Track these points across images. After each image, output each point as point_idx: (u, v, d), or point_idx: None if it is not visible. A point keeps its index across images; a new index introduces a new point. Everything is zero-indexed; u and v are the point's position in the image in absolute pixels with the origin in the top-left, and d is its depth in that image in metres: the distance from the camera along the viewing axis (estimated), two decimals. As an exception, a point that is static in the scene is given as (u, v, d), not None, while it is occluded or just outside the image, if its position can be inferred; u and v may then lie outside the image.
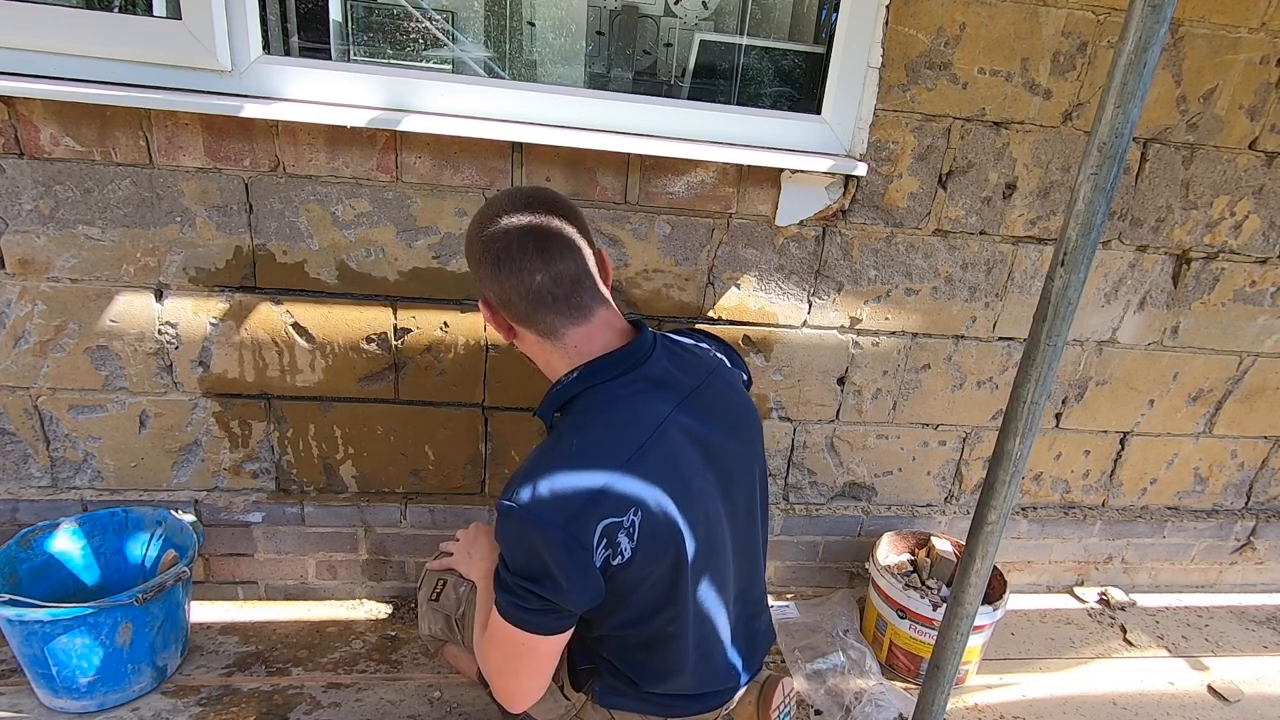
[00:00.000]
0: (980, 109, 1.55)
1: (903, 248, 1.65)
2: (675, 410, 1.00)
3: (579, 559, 0.89)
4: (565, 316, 0.99)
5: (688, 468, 0.99)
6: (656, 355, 1.04)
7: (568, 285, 0.98)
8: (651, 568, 0.96)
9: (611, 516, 0.90)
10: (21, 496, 1.61)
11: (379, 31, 2.00)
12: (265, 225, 1.47)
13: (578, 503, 0.89)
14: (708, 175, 1.54)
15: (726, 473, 1.07)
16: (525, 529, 0.90)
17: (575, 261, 0.99)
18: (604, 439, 0.95)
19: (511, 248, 0.96)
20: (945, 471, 1.91)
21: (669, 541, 0.96)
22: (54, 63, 1.32)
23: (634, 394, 0.99)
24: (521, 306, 0.99)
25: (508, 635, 0.96)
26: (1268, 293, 1.83)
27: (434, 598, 1.25)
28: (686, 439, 1.00)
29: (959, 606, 1.15)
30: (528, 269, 0.96)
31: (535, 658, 0.98)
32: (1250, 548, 2.14)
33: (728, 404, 1.09)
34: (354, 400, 1.63)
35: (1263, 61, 1.59)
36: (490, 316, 1.06)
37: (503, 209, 0.99)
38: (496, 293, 1.00)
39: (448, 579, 1.25)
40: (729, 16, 2.30)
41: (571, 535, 0.88)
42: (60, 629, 1.32)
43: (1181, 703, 1.74)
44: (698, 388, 1.05)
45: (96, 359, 1.52)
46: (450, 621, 1.24)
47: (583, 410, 0.99)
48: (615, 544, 0.91)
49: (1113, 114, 0.86)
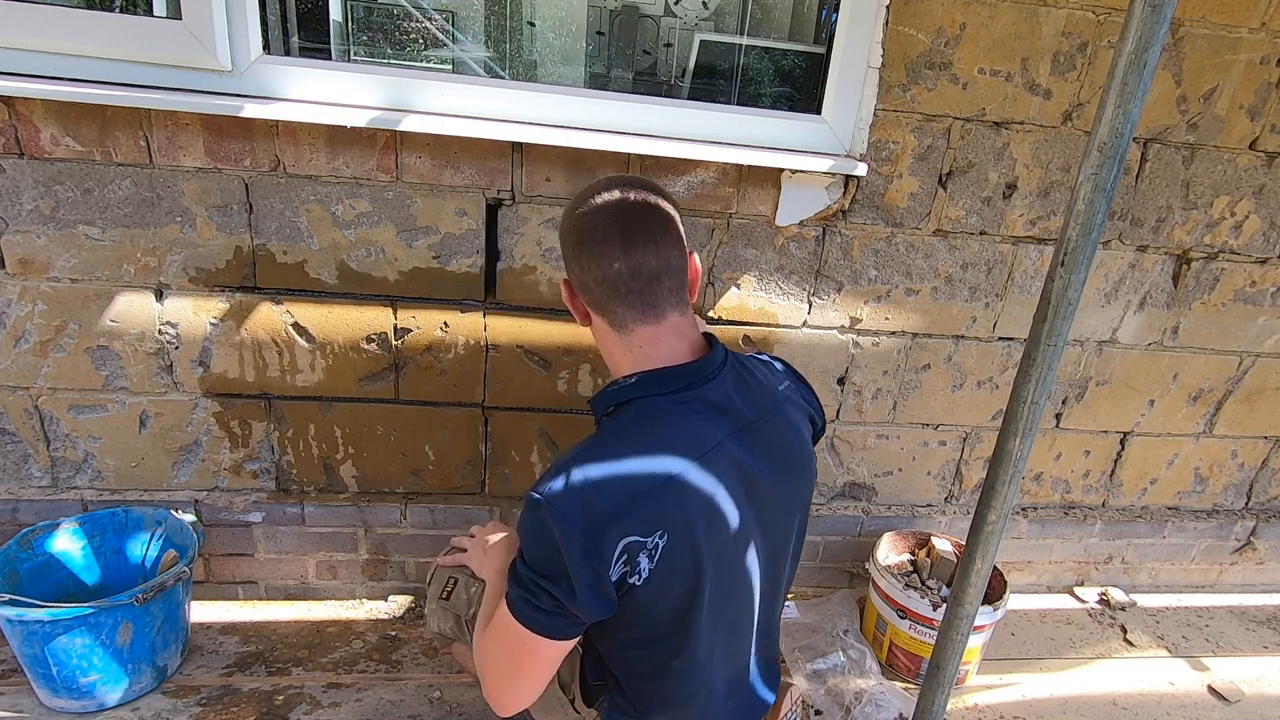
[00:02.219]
0: (980, 109, 1.55)
1: (903, 248, 1.65)
2: (727, 439, 0.95)
3: (595, 567, 0.86)
4: (636, 311, 0.96)
5: (726, 501, 0.94)
6: (722, 378, 0.99)
7: (644, 279, 0.94)
8: (666, 596, 0.92)
9: (636, 535, 0.86)
10: (22, 496, 1.61)
11: (379, 31, 2.00)
12: (265, 225, 1.47)
13: (604, 512, 0.86)
14: (708, 175, 1.54)
15: (768, 513, 1.01)
16: (548, 523, 0.86)
17: (657, 257, 0.95)
18: (645, 453, 0.91)
19: (596, 230, 0.94)
20: (945, 471, 1.91)
21: (690, 572, 0.91)
22: (54, 63, 1.32)
23: (687, 414, 0.95)
24: (595, 292, 0.96)
25: (512, 632, 0.92)
26: (1268, 293, 1.83)
27: (444, 596, 1.22)
28: (734, 471, 0.95)
29: (959, 606, 1.15)
30: (606, 255, 0.94)
31: (534, 661, 0.94)
32: (1250, 548, 2.14)
33: (784, 444, 1.04)
34: (354, 400, 1.63)
35: (1263, 61, 1.59)
36: (569, 299, 1.03)
37: (599, 189, 0.97)
38: (576, 274, 0.98)
39: (459, 577, 1.22)
40: (729, 16, 2.30)
41: (591, 542, 0.85)
42: (60, 629, 1.32)
43: (1181, 703, 1.74)
44: (756, 421, 1.00)
45: (97, 359, 1.52)
46: (461, 622, 1.21)
47: (631, 417, 0.95)
48: (635, 563, 0.87)
49: (1113, 114, 0.86)
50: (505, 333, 1.61)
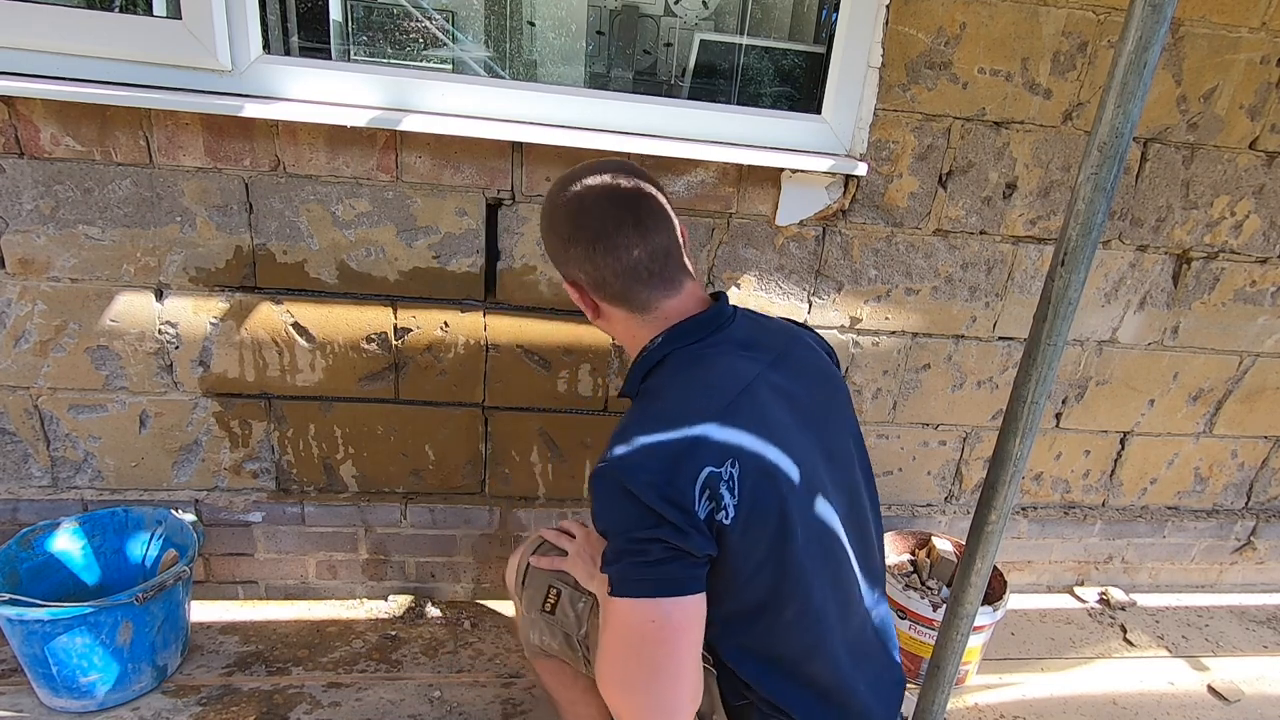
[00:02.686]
0: (980, 109, 1.55)
1: (903, 247, 1.65)
2: (765, 369, 0.96)
3: (681, 506, 0.82)
4: (659, 290, 0.97)
5: (781, 423, 0.92)
6: (739, 322, 1.01)
7: (662, 259, 0.95)
8: (758, 532, 0.86)
9: (710, 465, 0.83)
10: (22, 496, 1.61)
11: (379, 31, 2.00)
12: (265, 225, 1.47)
13: (671, 453, 0.83)
14: (708, 175, 1.54)
15: (824, 431, 1.00)
16: (621, 483, 0.83)
17: (668, 234, 0.96)
18: (695, 393, 0.90)
19: (607, 224, 0.93)
20: (945, 471, 1.91)
21: (773, 501, 0.87)
22: (54, 63, 1.32)
23: (721, 354, 0.95)
24: (616, 285, 0.96)
25: (635, 616, 0.81)
26: (1268, 293, 1.83)
27: (547, 609, 1.11)
28: (780, 397, 0.94)
29: (959, 607, 1.15)
30: (624, 244, 0.93)
31: (675, 640, 0.82)
32: (1250, 547, 2.14)
33: (814, 367, 1.05)
34: (354, 400, 1.63)
35: (1263, 61, 1.59)
36: (578, 297, 1.02)
37: (581, 180, 0.95)
38: (589, 273, 0.96)
39: (562, 589, 1.11)
40: (729, 16, 2.29)
41: (669, 484, 0.82)
42: (60, 628, 1.32)
43: (1181, 703, 1.74)
44: (784, 350, 1.02)
45: (97, 359, 1.52)
46: (572, 641, 1.10)
47: (671, 370, 0.95)
48: (718, 497, 0.83)
49: (1113, 114, 0.86)
50: (505, 333, 1.61)
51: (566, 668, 1.18)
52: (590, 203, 0.95)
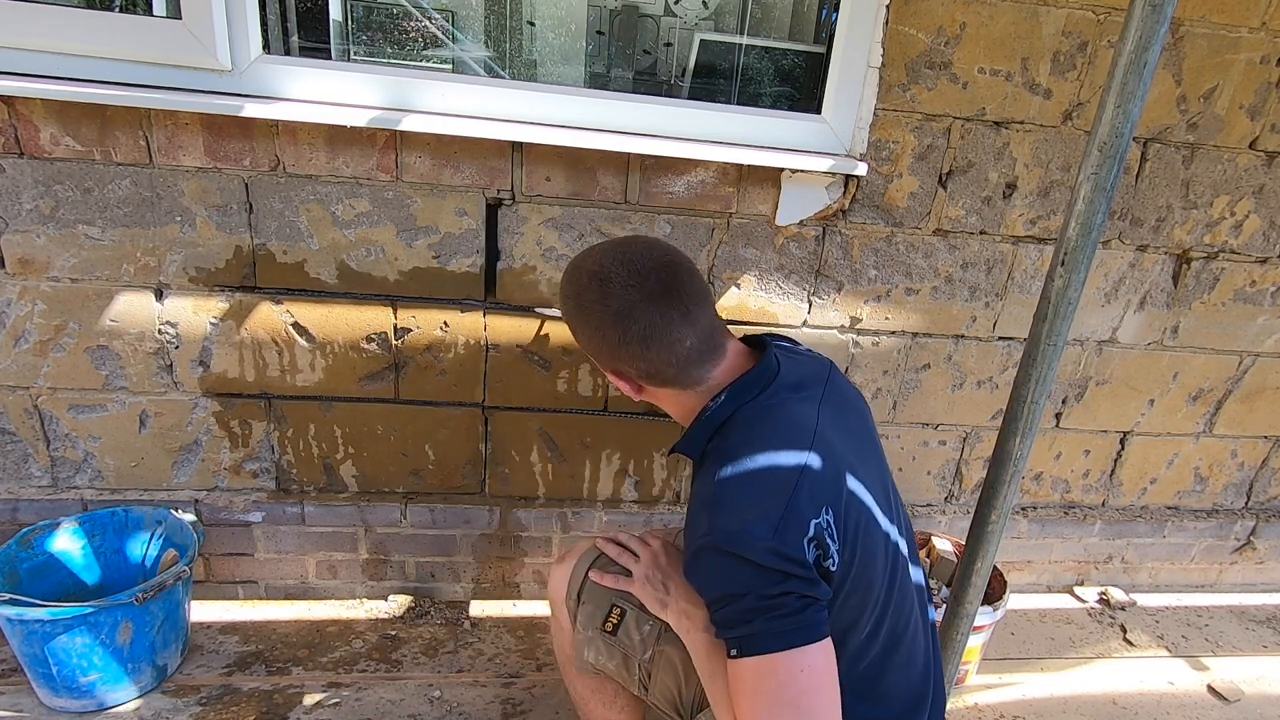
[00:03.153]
0: (980, 109, 1.55)
1: (903, 247, 1.65)
2: (819, 410, 0.97)
3: (800, 561, 0.82)
4: (710, 365, 0.98)
5: (848, 458, 0.94)
6: (784, 365, 1.01)
7: (707, 336, 0.96)
8: (859, 569, 0.89)
9: (813, 518, 0.84)
10: (21, 496, 1.61)
11: (379, 31, 2.00)
12: (265, 225, 1.47)
13: (778, 512, 0.83)
14: (708, 175, 1.54)
15: (871, 457, 1.03)
16: (735, 554, 0.82)
17: (708, 308, 0.97)
18: (772, 450, 0.89)
19: (656, 324, 0.92)
20: (945, 471, 1.91)
21: (863, 533, 0.90)
22: (54, 62, 1.32)
23: (781, 403, 0.96)
24: (670, 373, 0.96)
25: (784, 670, 0.80)
26: (1268, 293, 1.83)
27: (608, 629, 1.09)
28: (837, 430, 0.97)
29: (959, 606, 1.15)
30: (678, 338, 0.93)
31: (820, 681, 0.82)
32: (1250, 547, 2.14)
33: (850, 396, 1.08)
34: (354, 400, 1.63)
35: (1263, 61, 1.59)
36: (623, 385, 1.02)
37: (622, 277, 0.93)
38: (642, 368, 0.96)
39: (626, 609, 1.09)
40: (729, 16, 2.29)
41: (784, 544, 0.82)
42: (60, 628, 1.32)
43: (1181, 703, 1.74)
44: (825, 380, 1.04)
45: (96, 359, 1.52)
46: (631, 664, 1.09)
47: (743, 426, 0.94)
48: (824, 545, 0.84)
49: (1113, 114, 0.86)
50: (505, 332, 1.61)
51: (610, 685, 1.17)
52: (634, 306, 0.93)
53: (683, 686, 1.08)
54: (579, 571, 1.15)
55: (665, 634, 1.07)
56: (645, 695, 1.13)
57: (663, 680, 1.09)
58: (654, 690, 1.10)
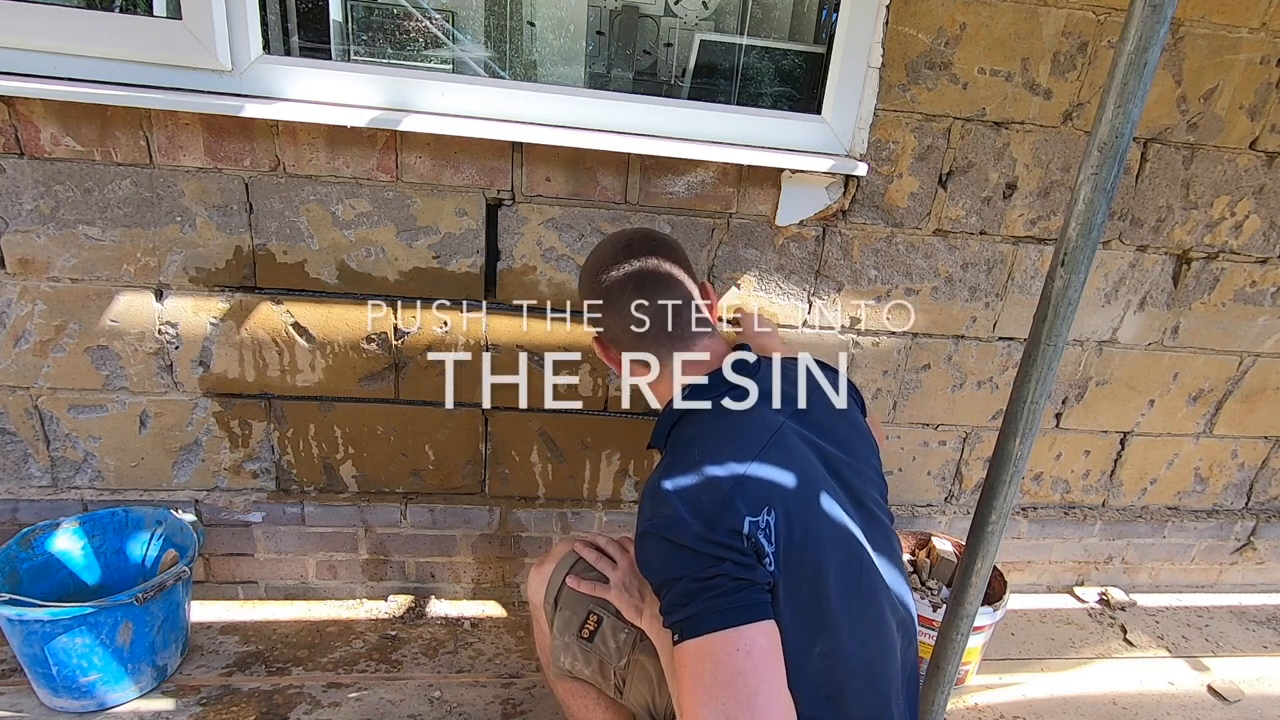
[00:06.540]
0: (980, 109, 1.55)
1: (903, 248, 1.65)
2: (789, 419, 0.99)
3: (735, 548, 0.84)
4: (666, 346, 1.05)
5: (811, 469, 0.95)
6: (763, 374, 1.05)
7: (668, 316, 1.03)
8: (797, 576, 0.87)
9: (749, 515, 0.86)
10: (22, 496, 1.61)
11: (379, 31, 2.00)
12: (265, 225, 1.47)
13: (714, 504, 0.86)
14: (708, 175, 1.54)
15: (851, 485, 1.02)
16: (668, 539, 0.86)
17: (675, 293, 1.05)
18: (724, 443, 0.93)
19: (613, 289, 1.05)
20: (945, 471, 1.91)
21: (806, 541, 0.88)
22: (54, 63, 1.32)
23: (746, 404, 1.00)
24: (626, 341, 1.06)
25: (720, 650, 0.80)
26: (1268, 293, 1.83)
27: (585, 635, 1.11)
28: (806, 447, 0.98)
29: (959, 607, 1.15)
30: (629, 304, 1.03)
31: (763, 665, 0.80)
32: (1250, 548, 2.14)
33: (838, 423, 1.07)
34: (354, 400, 1.63)
35: (1263, 61, 1.59)
36: (602, 353, 1.13)
37: (610, 256, 1.07)
38: (607, 329, 1.08)
39: (603, 616, 1.11)
40: (729, 16, 2.29)
41: (712, 533, 0.84)
42: (60, 628, 1.32)
43: (1181, 703, 1.74)
44: (808, 405, 1.05)
45: (97, 359, 1.52)
46: (607, 671, 1.11)
47: (698, 422, 0.99)
48: (759, 546, 0.86)
49: (1113, 114, 0.86)
50: (505, 333, 1.61)
51: (590, 690, 1.17)
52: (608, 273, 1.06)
53: (656, 695, 1.10)
54: (556, 577, 1.16)
55: (641, 643, 1.09)
56: (620, 700, 1.15)
57: (637, 688, 1.11)
58: (629, 698, 1.12)
